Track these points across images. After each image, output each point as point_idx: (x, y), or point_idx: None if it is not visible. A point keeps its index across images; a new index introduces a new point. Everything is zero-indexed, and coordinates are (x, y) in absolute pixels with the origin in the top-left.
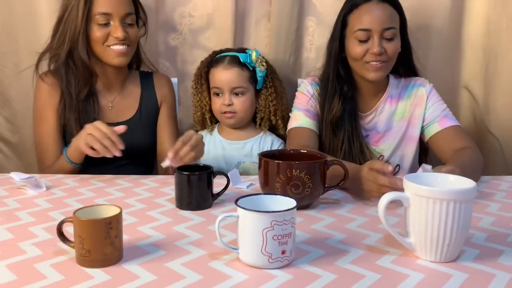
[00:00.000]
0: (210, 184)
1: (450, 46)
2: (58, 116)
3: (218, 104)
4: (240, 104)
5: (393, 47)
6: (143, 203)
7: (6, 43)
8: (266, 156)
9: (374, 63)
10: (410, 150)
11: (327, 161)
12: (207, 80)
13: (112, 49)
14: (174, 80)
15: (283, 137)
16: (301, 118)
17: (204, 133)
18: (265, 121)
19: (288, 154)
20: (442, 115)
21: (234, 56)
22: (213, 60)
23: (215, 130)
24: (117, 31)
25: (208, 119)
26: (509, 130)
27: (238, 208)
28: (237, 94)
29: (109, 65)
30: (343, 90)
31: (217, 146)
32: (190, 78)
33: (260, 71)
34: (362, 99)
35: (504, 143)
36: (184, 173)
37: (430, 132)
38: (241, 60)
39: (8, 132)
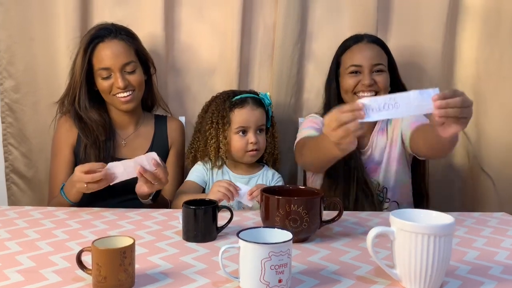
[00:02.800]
0: (215, 218)
1: (442, 88)
2: (74, 152)
3: (242, 142)
4: (263, 141)
5: (382, 79)
6: (152, 235)
7: (27, 84)
8: (267, 192)
9: (366, 93)
10: (394, 170)
11: (324, 198)
12: (229, 121)
13: (118, 98)
14: (182, 118)
15: (279, 170)
16: (309, 131)
17: (205, 167)
18: (270, 156)
19: (287, 190)
20: (414, 119)
21: (256, 98)
22: (236, 101)
23: (225, 165)
24: (118, 82)
25: (224, 158)
26: (502, 169)
27: (240, 240)
28: (260, 133)
29: (120, 111)
30: None
31: (225, 179)
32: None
33: (271, 110)
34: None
35: (497, 181)
36: (191, 207)
37: (407, 137)
38: (264, 102)
39: (24, 166)
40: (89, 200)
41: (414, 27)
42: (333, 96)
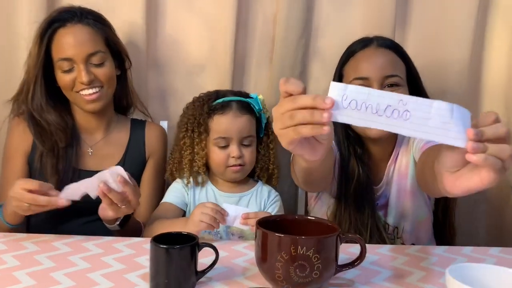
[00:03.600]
0: (194, 259)
1: (468, 97)
2: (28, 161)
3: (222, 156)
4: (249, 155)
5: None
6: (110, 279)
7: None
8: (265, 226)
9: None
10: (406, 208)
11: (341, 235)
12: (207, 129)
13: (82, 95)
14: (164, 123)
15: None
16: None
17: (185, 185)
18: (263, 171)
19: (291, 221)
20: (425, 142)
21: (243, 102)
22: (216, 106)
23: (209, 182)
24: (81, 75)
25: (203, 174)
26: None
27: None
28: (246, 145)
29: (87, 112)
30: (357, 152)
31: (209, 198)
32: None
33: (265, 117)
34: (373, 167)
35: None
36: (162, 246)
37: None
38: (254, 107)
39: None
40: (45, 220)
41: (437, 30)
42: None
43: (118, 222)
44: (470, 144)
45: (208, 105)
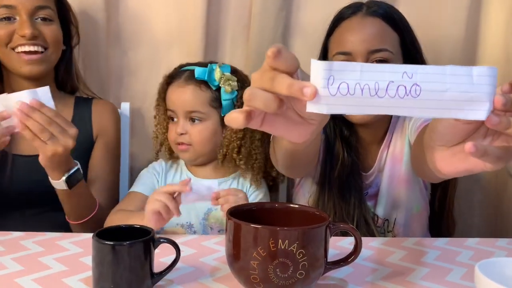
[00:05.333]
0: (148, 258)
1: None
2: None
3: (172, 131)
4: (197, 133)
5: None
6: (45, 285)
7: None
8: (236, 215)
9: None
10: (399, 197)
11: (331, 225)
12: (164, 101)
13: (20, 54)
14: (126, 105)
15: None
16: None
17: (157, 170)
18: (228, 159)
19: (271, 209)
20: (422, 121)
21: (192, 71)
22: (171, 75)
23: (182, 163)
24: (23, 27)
25: (167, 150)
26: None
27: None
28: (193, 120)
29: (21, 77)
30: (343, 134)
31: None
32: (148, 102)
33: (226, 93)
34: (365, 152)
35: None
36: (106, 242)
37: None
38: (197, 76)
39: None
40: None
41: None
42: None
43: (64, 177)
44: (492, 117)
45: (169, 75)
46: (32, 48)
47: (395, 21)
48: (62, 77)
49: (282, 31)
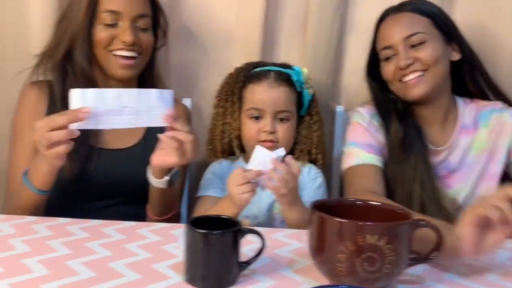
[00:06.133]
0: (236, 248)
1: None
2: None
3: (254, 129)
4: (284, 132)
5: (425, 52)
6: (136, 270)
7: None
8: (321, 208)
9: (407, 77)
10: (490, 190)
11: (417, 222)
12: (240, 99)
13: (116, 57)
14: (188, 100)
15: None
16: (361, 154)
17: (225, 162)
18: (304, 154)
19: (350, 205)
20: None
21: (281, 73)
22: (252, 74)
23: (240, 159)
24: (126, 34)
25: (236, 148)
26: None
27: None
28: (281, 119)
29: (113, 78)
30: (397, 108)
31: None
32: (206, 99)
33: (309, 94)
34: (430, 130)
35: None
36: (199, 230)
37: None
38: (292, 78)
39: None
40: (59, 204)
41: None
42: (375, 90)
43: (169, 175)
44: None
45: (245, 73)
46: (129, 54)
47: (423, 10)
48: (146, 77)
49: (338, 30)
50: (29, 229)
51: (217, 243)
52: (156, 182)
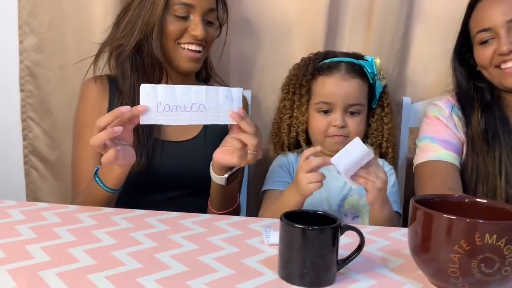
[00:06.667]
0: (336, 245)
1: None
2: None
3: (323, 124)
4: (355, 126)
5: None
6: (228, 264)
7: (52, 42)
8: (423, 203)
9: (508, 64)
10: None
11: None
12: (309, 92)
13: (185, 50)
14: (247, 92)
15: None
16: (437, 149)
17: (292, 156)
18: (375, 148)
19: (454, 202)
20: None
21: (354, 64)
22: (322, 66)
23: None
24: (197, 28)
25: (303, 142)
26: None
27: None
28: (352, 113)
29: (177, 71)
30: (483, 99)
31: None
32: (265, 91)
33: (381, 85)
34: None
35: None
36: (298, 226)
37: None
38: (365, 70)
39: (46, 147)
40: (127, 197)
41: None
42: (461, 76)
43: (227, 174)
44: None
45: (314, 65)
46: (197, 48)
47: None
48: (201, 67)
49: (405, 17)
50: (72, 217)
51: (316, 239)
52: (216, 178)
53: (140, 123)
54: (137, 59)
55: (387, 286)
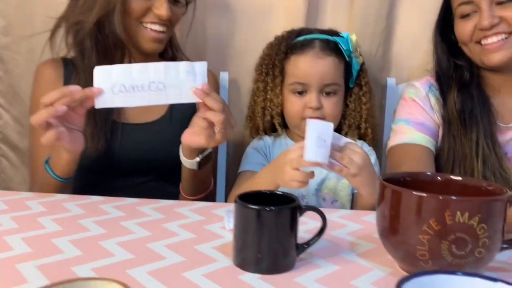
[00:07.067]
0: (295, 227)
1: None
2: None
3: (298, 105)
4: (331, 107)
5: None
6: (178, 251)
7: (20, 24)
8: (394, 182)
9: (489, 40)
10: None
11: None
12: (282, 72)
13: (147, 30)
14: (224, 74)
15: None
16: (411, 132)
17: (268, 139)
18: (353, 129)
19: (425, 181)
20: None
21: (328, 41)
22: (295, 44)
23: (283, 136)
24: (162, 7)
25: (278, 125)
26: None
27: None
28: (328, 93)
29: (139, 51)
30: (462, 78)
31: None
32: (244, 72)
33: (358, 63)
34: (502, 104)
35: None
36: (252, 206)
37: None
38: (340, 47)
39: (17, 135)
40: (87, 183)
41: None
42: (442, 53)
43: (199, 157)
44: None
45: (287, 43)
46: (160, 28)
47: None
48: (165, 46)
49: None
50: (60, 207)
51: (273, 221)
52: (187, 162)
53: (96, 107)
54: (97, 37)
55: (352, 272)
